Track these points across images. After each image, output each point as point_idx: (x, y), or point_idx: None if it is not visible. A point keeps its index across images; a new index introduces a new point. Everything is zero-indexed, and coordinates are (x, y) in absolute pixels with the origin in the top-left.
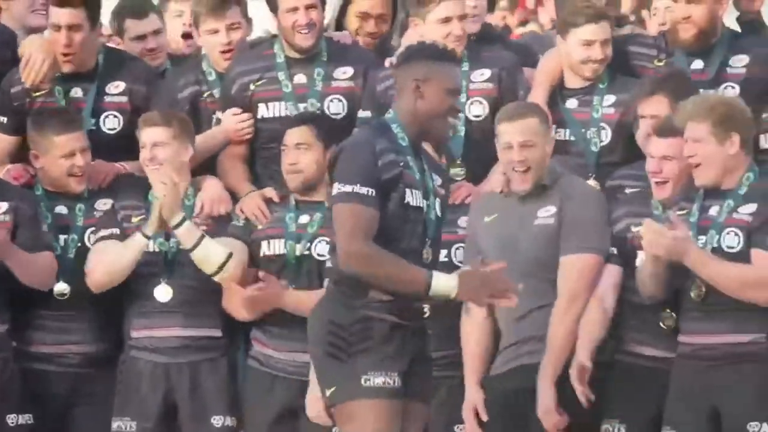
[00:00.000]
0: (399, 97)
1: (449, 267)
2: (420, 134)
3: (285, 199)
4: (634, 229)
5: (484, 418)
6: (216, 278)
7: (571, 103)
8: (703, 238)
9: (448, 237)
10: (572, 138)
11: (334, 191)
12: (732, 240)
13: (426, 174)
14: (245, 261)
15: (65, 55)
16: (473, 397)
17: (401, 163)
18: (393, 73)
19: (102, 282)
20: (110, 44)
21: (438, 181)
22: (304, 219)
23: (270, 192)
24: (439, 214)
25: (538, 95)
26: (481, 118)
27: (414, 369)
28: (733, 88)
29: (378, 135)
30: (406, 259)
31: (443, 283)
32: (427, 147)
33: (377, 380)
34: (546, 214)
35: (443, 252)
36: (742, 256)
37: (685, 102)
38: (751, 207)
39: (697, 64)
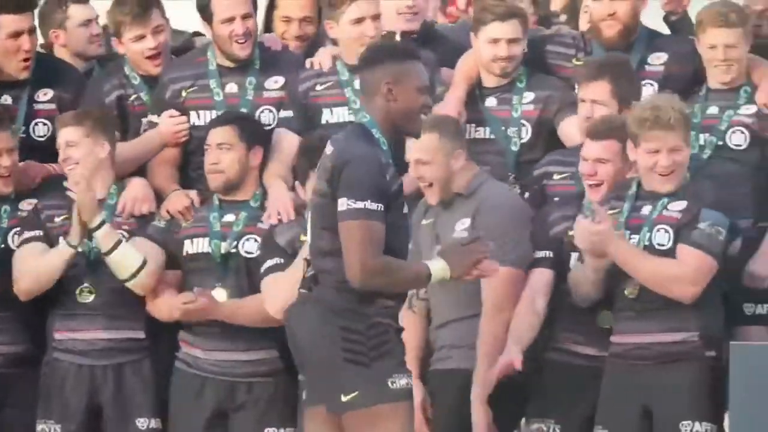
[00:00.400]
0: (369, 101)
1: None
2: (394, 134)
3: (207, 200)
4: (570, 233)
5: (429, 414)
6: (128, 284)
7: (491, 102)
8: (635, 237)
9: None
10: (492, 136)
11: (343, 207)
12: (662, 237)
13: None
14: (161, 268)
15: (26, 60)
16: (417, 392)
17: (397, 176)
18: (359, 77)
19: (30, 290)
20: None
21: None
22: (229, 218)
23: (192, 194)
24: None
25: (455, 94)
26: None
27: None
28: (651, 85)
29: (371, 144)
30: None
31: (439, 268)
32: None
33: (401, 382)
34: (461, 227)
35: None
36: (673, 254)
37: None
38: (681, 204)
39: None
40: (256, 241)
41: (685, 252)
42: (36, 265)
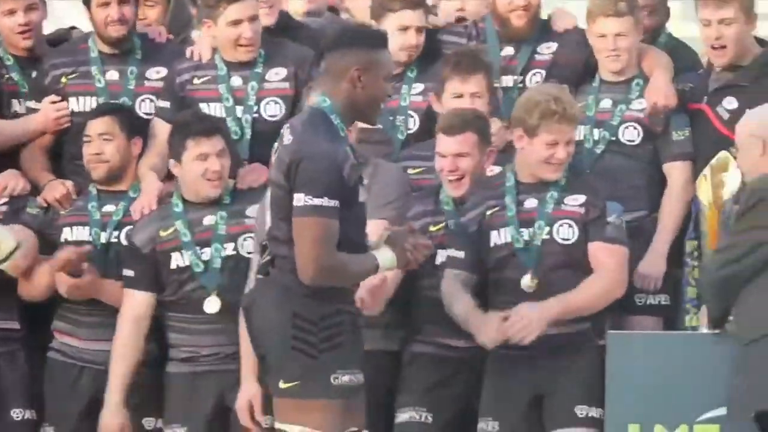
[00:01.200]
0: (333, 85)
1: (237, 259)
2: (353, 120)
3: (83, 190)
4: (432, 228)
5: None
6: (1, 266)
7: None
8: (526, 231)
9: (235, 229)
10: (379, 126)
11: (299, 203)
12: (566, 232)
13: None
14: (35, 251)
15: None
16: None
17: (356, 165)
18: (325, 58)
19: None
20: None
21: None
22: (108, 208)
23: (69, 183)
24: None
25: None
26: (277, 119)
27: None
28: (540, 74)
29: (330, 136)
30: (358, 252)
31: (386, 258)
32: None
33: (344, 378)
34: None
35: (230, 245)
36: (578, 247)
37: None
38: (579, 198)
39: (508, 50)
40: None
41: (602, 249)
42: None
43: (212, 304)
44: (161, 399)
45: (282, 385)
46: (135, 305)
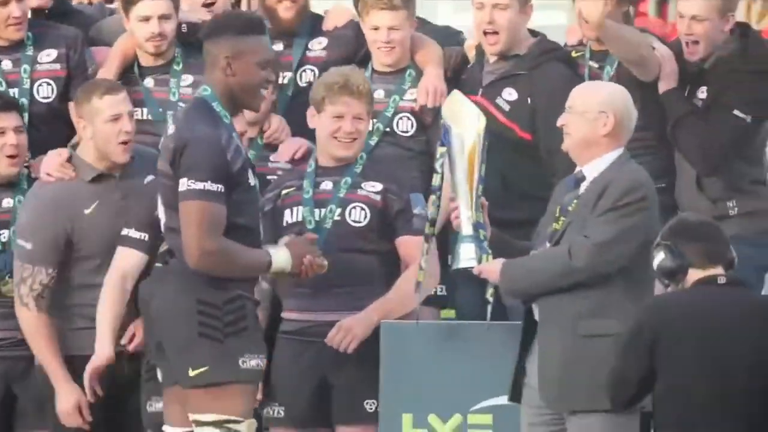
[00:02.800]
0: (210, 72)
1: None
2: (235, 108)
3: None
4: None
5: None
6: None
7: (148, 82)
8: (319, 211)
9: None
10: (150, 117)
11: (183, 187)
12: (358, 214)
13: (242, 144)
14: None
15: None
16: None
17: (241, 147)
18: (203, 48)
19: None
20: None
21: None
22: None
23: None
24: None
25: (109, 72)
26: (50, 100)
27: None
28: (312, 71)
29: (211, 122)
30: (250, 237)
31: (281, 259)
32: None
33: (252, 362)
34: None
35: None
36: (369, 231)
37: None
38: (377, 185)
39: (278, 46)
40: None
41: (411, 242)
42: None
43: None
44: None
45: (191, 372)
46: None
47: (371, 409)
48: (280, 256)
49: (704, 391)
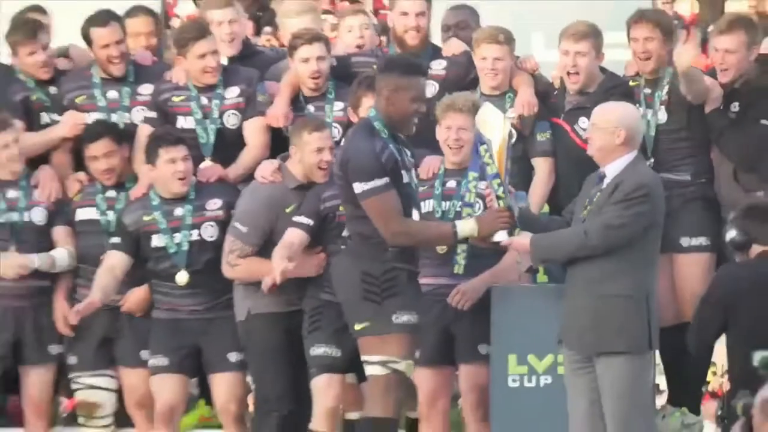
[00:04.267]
0: (377, 99)
1: (201, 244)
2: (393, 129)
3: (93, 180)
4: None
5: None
6: None
7: (310, 108)
8: (445, 204)
9: (198, 219)
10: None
11: (359, 190)
12: (475, 207)
13: (404, 154)
14: None
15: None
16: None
17: (395, 153)
18: (376, 78)
19: None
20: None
21: (409, 154)
22: (110, 194)
23: (82, 176)
24: (415, 182)
25: (282, 101)
26: (236, 126)
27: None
28: (434, 85)
29: (369, 135)
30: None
31: (467, 227)
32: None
33: (403, 318)
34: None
35: (195, 231)
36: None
37: None
38: (483, 183)
39: None
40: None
41: None
42: None
43: (182, 277)
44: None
45: (357, 326)
46: (113, 259)
47: (484, 352)
48: (465, 225)
49: (764, 340)
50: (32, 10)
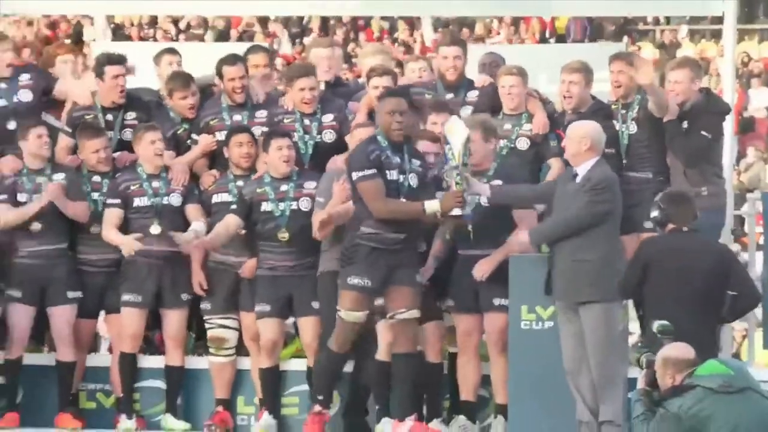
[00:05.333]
0: (378, 119)
1: (298, 213)
2: (388, 138)
3: (223, 174)
4: None
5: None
6: None
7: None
8: (471, 198)
9: (297, 195)
10: None
11: (354, 178)
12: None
13: (404, 159)
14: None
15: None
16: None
17: (382, 156)
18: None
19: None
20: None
21: (417, 163)
22: (240, 182)
23: (215, 173)
24: (414, 184)
25: (360, 116)
26: (332, 141)
27: (394, 271)
28: (470, 108)
29: (368, 142)
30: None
31: (433, 205)
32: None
33: (354, 280)
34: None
35: (294, 203)
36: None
37: None
38: (498, 182)
39: (450, 95)
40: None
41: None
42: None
43: (283, 234)
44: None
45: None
46: (229, 219)
47: (500, 303)
48: (431, 204)
49: (674, 290)
50: (168, 52)
